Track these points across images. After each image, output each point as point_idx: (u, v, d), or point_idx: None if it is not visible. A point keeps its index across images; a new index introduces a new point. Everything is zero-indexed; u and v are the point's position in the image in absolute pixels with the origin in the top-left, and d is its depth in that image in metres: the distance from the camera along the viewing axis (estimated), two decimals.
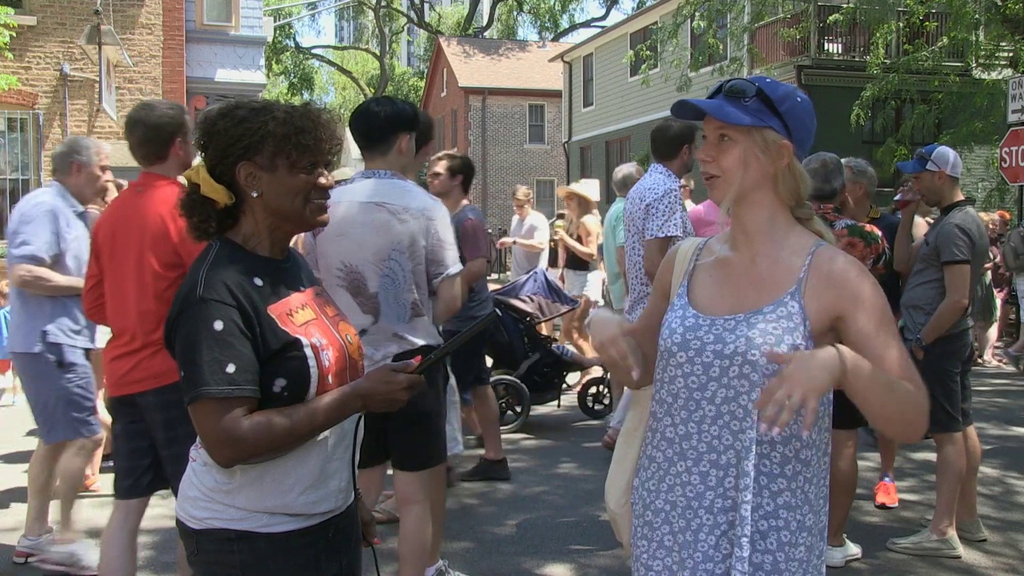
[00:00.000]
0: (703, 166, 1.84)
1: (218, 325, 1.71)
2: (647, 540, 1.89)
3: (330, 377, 1.83)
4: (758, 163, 1.78)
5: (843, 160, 4.88)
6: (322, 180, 1.87)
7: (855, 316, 1.72)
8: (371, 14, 45.77)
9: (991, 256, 8.95)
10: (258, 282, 1.81)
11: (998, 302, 10.20)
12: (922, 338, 4.26)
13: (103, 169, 4.21)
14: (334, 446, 1.88)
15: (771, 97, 1.77)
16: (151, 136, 3.28)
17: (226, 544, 1.80)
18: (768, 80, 1.83)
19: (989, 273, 9.47)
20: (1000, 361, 10.24)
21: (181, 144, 3.33)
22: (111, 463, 3.56)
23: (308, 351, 1.80)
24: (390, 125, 3.22)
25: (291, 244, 2.00)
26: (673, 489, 1.84)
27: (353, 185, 3.23)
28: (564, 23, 45.22)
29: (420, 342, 3.21)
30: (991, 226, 9.98)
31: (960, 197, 4.38)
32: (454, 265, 3.25)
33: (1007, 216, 11.85)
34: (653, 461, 1.90)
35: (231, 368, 1.70)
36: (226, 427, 1.70)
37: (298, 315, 1.85)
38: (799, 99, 1.80)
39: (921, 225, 5.41)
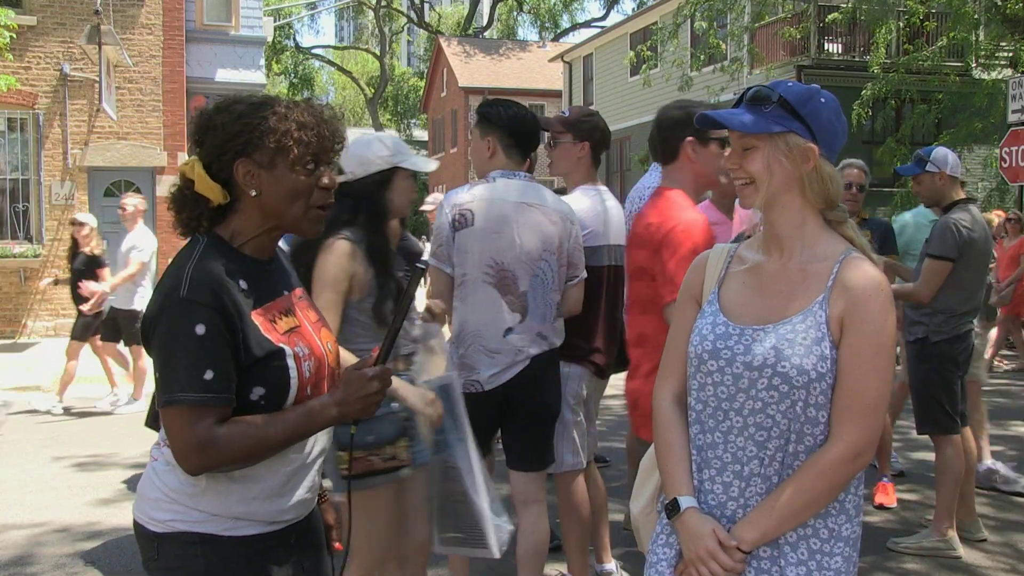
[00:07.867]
0: (732, 173, 1.82)
1: (200, 329, 1.63)
2: (669, 547, 1.84)
3: (309, 388, 1.77)
4: (782, 168, 1.76)
5: (849, 160, 4.93)
6: (325, 180, 1.79)
7: (849, 332, 1.71)
8: (371, 14, 45.80)
9: (993, 256, 8.93)
10: (243, 285, 1.73)
11: None
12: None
13: None
14: (303, 456, 1.82)
15: (791, 101, 1.75)
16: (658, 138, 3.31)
17: (190, 548, 1.73)
18: (790, 83, 1.80)
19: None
20: (1000, 361, 10.23)
21: (692, 145, 3.22)
22: None
23: (290, 361, 1.73)
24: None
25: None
26: (697, 497, 1.81)
27: (497, 184, 3.25)
28: (564, 23, 45.27)
29: (558, 342, 3.28)
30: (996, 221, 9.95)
31: (961, 196, 4.38)
32: (584, 270, 3.39)
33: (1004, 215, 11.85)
34: None
35: (209, 375, 1.63)
36: (198, 435, 1.62)
37: (282, 322, 1.78)
38: (822, 99, 1.78)
39: None
